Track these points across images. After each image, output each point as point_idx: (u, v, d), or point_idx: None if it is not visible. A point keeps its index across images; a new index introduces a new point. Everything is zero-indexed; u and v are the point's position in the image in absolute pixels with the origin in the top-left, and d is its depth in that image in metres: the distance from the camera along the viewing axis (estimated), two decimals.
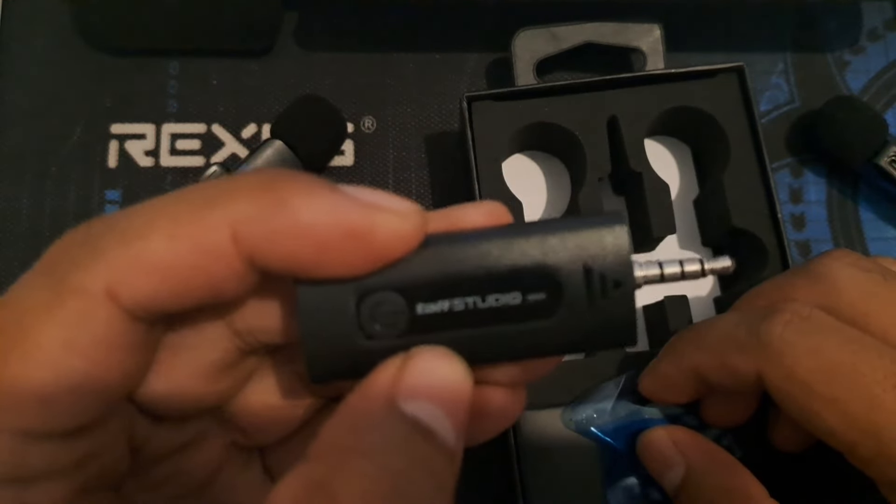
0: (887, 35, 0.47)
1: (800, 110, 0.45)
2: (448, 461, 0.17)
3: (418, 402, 0.17)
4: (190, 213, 0.17)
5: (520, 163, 0.42)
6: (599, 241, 0.18)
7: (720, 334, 0.28)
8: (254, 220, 0.17)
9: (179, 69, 0.45)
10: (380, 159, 0.44)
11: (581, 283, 0.18)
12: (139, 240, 0.17)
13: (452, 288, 0.18)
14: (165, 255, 0.17)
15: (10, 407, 0.16)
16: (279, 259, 0.17)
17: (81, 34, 0.44)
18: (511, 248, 0.18)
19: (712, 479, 0.29)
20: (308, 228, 0.17)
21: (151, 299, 0.17)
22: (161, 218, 0.17)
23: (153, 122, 0.44)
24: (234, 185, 0.17)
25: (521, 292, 0.18)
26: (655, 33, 0.41)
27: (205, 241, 0.17)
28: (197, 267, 0.17)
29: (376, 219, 0.17)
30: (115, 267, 0.17)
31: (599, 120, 0.39)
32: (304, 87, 0.44)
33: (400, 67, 0.45)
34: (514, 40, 0.41)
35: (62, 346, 0.16)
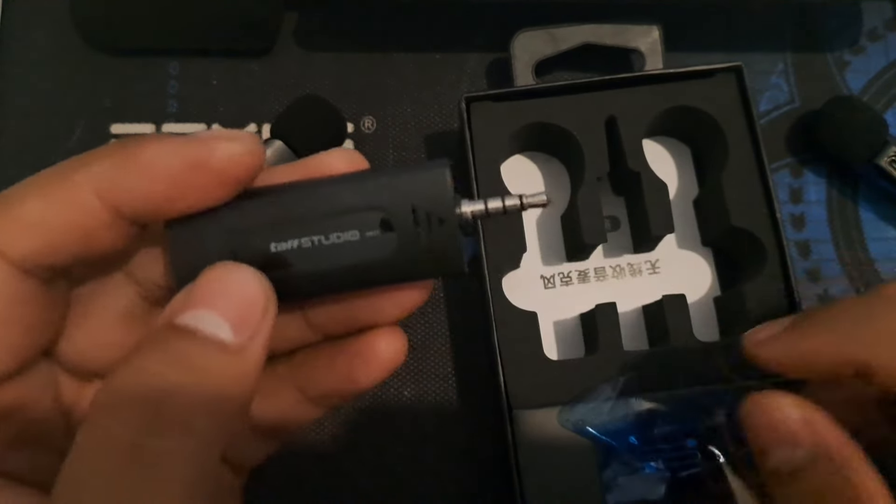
0: (887, 35, 0.47)
1: (800, 110, 0.45)
2: (222, 355, 0.19)
3: (189, 311, 0.19)
4: (57, 178, 0.20)
5: (519, 163, 0.42)
6: (425, 183, 0.21)
7: None
8: (110, 172, 0.19)
9: (179, 69, 0.45)
10: (380, 159, 0.44)
11: (410, 220, 0.21)
12: (16, 204, 0.20)
13: (300, 228, 0.21)
14: (39, 214, 0.19)
15: None
16: (139, 202, 0.20)
17: (81, 34, 0.45)
18: (349, 192, 0.21)
19: (843, 475, 0.23)
20: (155, 168, 0.19)
21: (35, 253, 0.19)
22: (34, 185, 0.20)
23: (153, 122, 0.44)
24: (94, 152, 0.20)
25: (358, 231, 0.21)
26: (654, 34, 0.41)
27: (72, 198, 0.19)
28: (69, 222, 0.19)
29: (212, 147, 0.20)
30: (1, 231, 0.19)
31: (598, 120, 0.39)
32: (304, 87, 0.44)
33: (400, 67, 0.45)
34: (513, 41, 0.41)
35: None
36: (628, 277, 0.41)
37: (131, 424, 0.17)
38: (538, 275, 0.40)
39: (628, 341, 0.38)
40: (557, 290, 0.40)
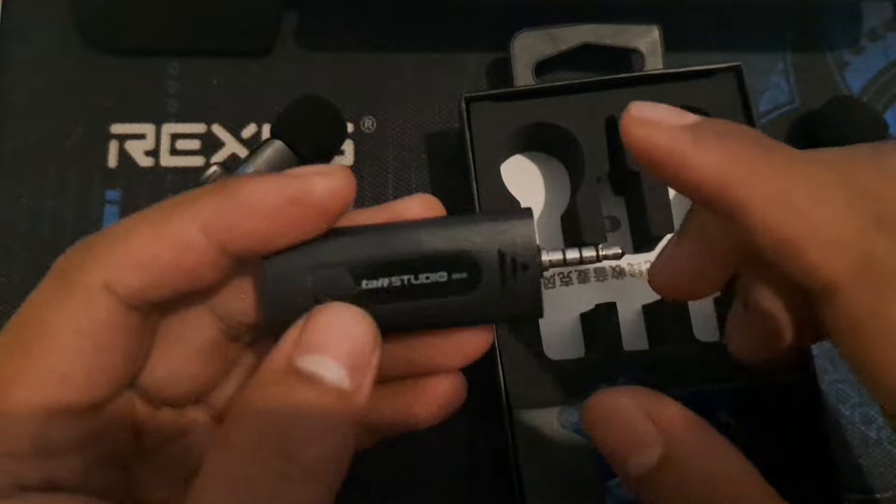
0: (887, 35, 0.47)
1: (800, 110, 0.45)
2: (341, 401, 0.20)
3: (307, 356, 0.20)
4: (166, 216, 0.21)
5: (519, 163, 0.42)
6: (512, 230, 0.23)
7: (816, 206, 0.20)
8: (215, 211, 0.21)
9: (179, 69, 0.45)
10: (380, 159, 0.44)
11: (496, 265, 0.22)
12: (125, 242, 0.21)
13: (391, 268, 0.22)
14: (148, 252, 0.21)
15: (35, 387, 0.20)
16: (243, 238, 0.21)
17: (81, 34, 0.45)
18: (439, 236, 0.22)
19: (700, 463, 0.22)
20: (258, 205, 0.21)
21: (142, 290, 0.21)
22: (143, 222, 0.21)
23: (153, 122, 0.44)
24: (197, 191, 0.21)
25: (446, 272, 0.22)
26: (654, 34, 0.41)
27: (180, 236, 0.21)
28: (177, 259, 0.21)
29: (310, 182, 0.21)
30: (109, 265, 0.20)
31: (598, 120, 0.39)
32: (304, 87, 0.44)
33: (400, 67, 0.45)
34: (512, 42, 0.41)
35: (73, 331, 0.20)
36: (628, 277, 0.41)
37: (269, 469, 0.19)
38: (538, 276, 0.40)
39: (628, 341, 0.38)
40: (557, 290, 0.40)
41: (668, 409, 0.22)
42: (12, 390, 0.20)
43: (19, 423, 0.19)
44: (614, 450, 0.23)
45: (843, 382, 0.40)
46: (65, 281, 0.21)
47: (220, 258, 0.21)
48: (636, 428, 0.22)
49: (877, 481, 0.39)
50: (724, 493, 0.22)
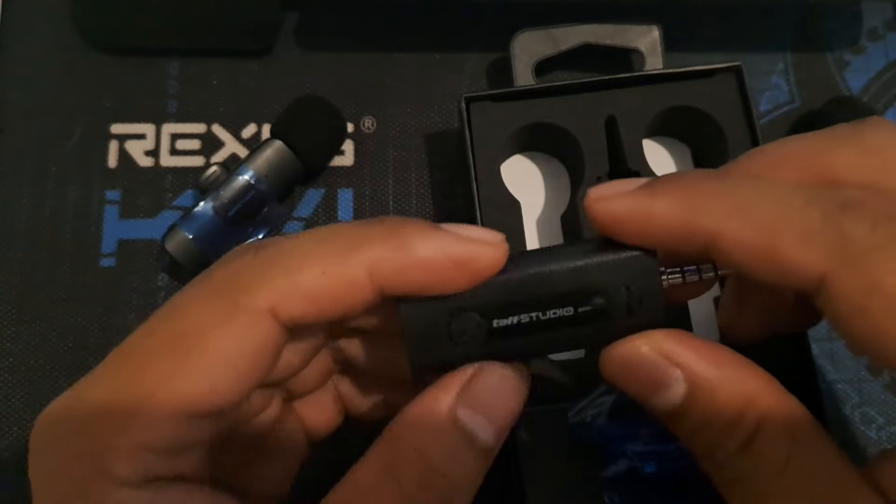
0: (887, 35, 0.47)
1: (800, 110, 0.45)
2: (483, 459, 0.23)
3: (470, 412, 0.22)
4: (337, 255, 0.22)
5: (518, 163, 0.42)
6: (635, 266, 0.23)
7: (777, 209, 0.21)
8: (385, 259, 0.22)
9: (179, 69, 0.45)
10: (380, 159, 0.44)
11: (623, 299, 0.23)
12: (298, 273, 0.22)
13: (520, 307, 0.23)
14: (317, 286, 0.22)
15: (184, 393, 0.21)
16: (403, 287, 0.23)
17: (81, 34, 0.45)
18: (567, 275, 0.23)
19: (725, 391, 0.22)
20: (425, 262, 0.22)
21: (303, 317, 0.22)
22: (315, 257, 0.22)
23: (153, 122, 0.44)
24: (369, 231, 0.23)
25: (573, 307, 0.23)
26: (654, 34, 0.41)
27: (348, 276, 0.22)
28: (340, 295, 0.22)
29: (476, 250, 0.23)
30: (279, 293, 0.22)
31: (598, 120, 0.39)
32: (304, 87, 0.44)
33: (400, 67, 0.45)
34: (512, 42, 0.41)
35: (234, 350, 0.21)
36: None
37: None
38: None
39: None
40: None
41: (683, 346, 0.23)
42: (161, 392, 0.21)
43: (162, 422, 0.21)
44: (638, 395, 0.24)
45: (843, 382, 0.40)
46: (231, 301, 0.22)
47: (375, 298, 0.23)
48: (655, 372, 0.23)
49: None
50: (754, 412, 0.22)
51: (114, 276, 0.41)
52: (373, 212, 0.43)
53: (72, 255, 0.42)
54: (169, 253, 0.39)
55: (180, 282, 0.41)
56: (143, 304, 0.41)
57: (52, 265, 0.41)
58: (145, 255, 0.42)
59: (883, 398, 0.40)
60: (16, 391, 0.40)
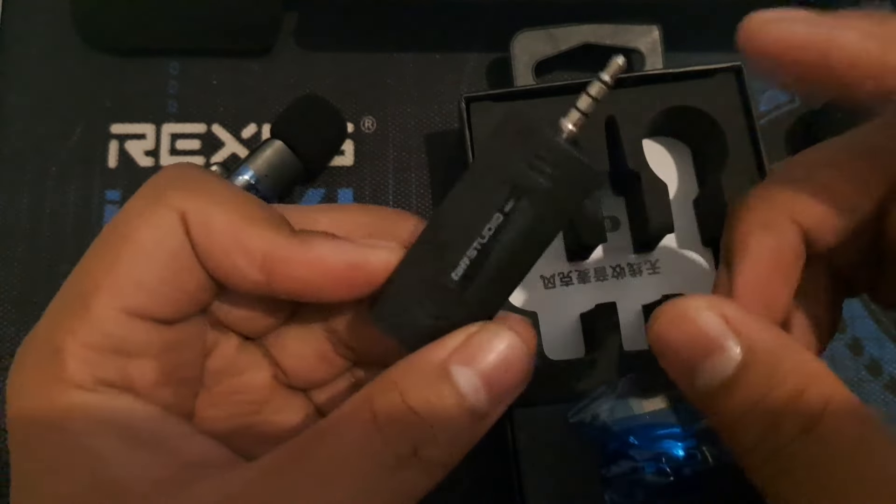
0: None
1: (800, 110, 0.45)
2: (471, 420, 0.21)
3: (464, 369, 0.21)
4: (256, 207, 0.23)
5: None
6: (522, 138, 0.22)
7: None
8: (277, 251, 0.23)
9: (179, 69, 0.45)
10: (380, 159, 0.44)
11: (531, 174, 0.22)
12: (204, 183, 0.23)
13: (459, 243, 0.22)
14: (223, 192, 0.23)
15: (121, 290, 0.22)
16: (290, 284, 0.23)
17: (81, 34, 0.45)
18: (473, 190, 0.22)
19: (791, 363, 0.20)
20: (313, 263, 0.23)
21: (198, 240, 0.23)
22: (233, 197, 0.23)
23: (153, 122, 0.44)
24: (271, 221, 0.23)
25: (499, 211, 0.22)
26: (654, 34, 0.41)
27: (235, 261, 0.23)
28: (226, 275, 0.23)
29: (369, 254, 0.23)
30: (191, 200, 0.23)
31: (598, 120, 0.39)
32: (304, 87, 0.44)
33: (400, 67, 0.45)
34: (512, 42, 0.41)
35: (155, 244, 0.22)
36: (628, 277, 0.41)
37: (392, 447, 0.21)
38: (538, 275, 0.40)
39: (628, 341, 0.38)
40: (557, 290, 0.40)
41: (745, 313, 0.21)
42: (96, 291, 0.22)
43: (101, 321, 0.21)
44: (686, 362, 0.21)
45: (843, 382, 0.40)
46: (152, 200, 0.23)
47: (263, 286, 0.23)
48: (713, 330, 0.20)
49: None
50: (819, 389, 0.20)
51: None
52: None
53: (72, 255, 0.42)
54: None
55: None
56: None
57: (52, 265, 0.41)
58: None
59: (883, 398, 0.40)
60: None
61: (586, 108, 0.22)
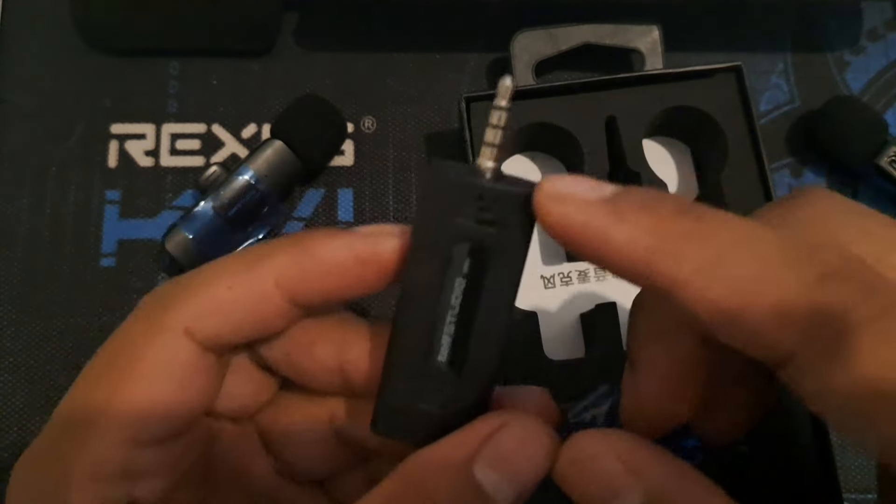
0: (887, 35, 0.47)
1: (800, 110, 0.45)
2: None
3: (489, 471, 0.20)
4: (242, 269, 0.22)
5: (519, 163, 0.42)
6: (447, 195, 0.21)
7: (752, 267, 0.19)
8: (289, 267, 0.22)
9: (179, 69, 0.45)
10: (380, 159, 0.44)
11: (478, 227, 0.20)
12: (206, 289, 0.22)
13: (435, 322, 0.21)
14: (226, 302, 0.22)
15: (121, 421, 0.21)
16: (313, 293, 0.22)
17: (81, 34, 0.45)
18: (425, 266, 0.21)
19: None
20: (329, 263, 0.22)
21: (218, 335, 0.22)
22: (222, 272, 0.22)
23: (153, 122, 0.44)
24: (273, 244, 0.23)
25: (461, 277, 0.21)
26: (654, 34, 0.41)
27: (254, 287, 0.22)
28: (251, 309, 0.22)
29: (376, 242, 0.22)
30: (191, 312, 0.22)
31: (598, 120, 0.39)
32: (304, 87, 0.44)
33: (400, 67, 0.45)
34: (512, 42, 0.41)
35: (157, 370, 0.22)
36: None
37: None
38: (538, 275, 0.40)
39: None
40: (557, 290, 0.40)
41: (647, 454, 0.21)
42: (101, 419, 0.21)
43: (107, 449, 0.21)
44: (587, 500, 0.21)
45: None
46: (151, 321, 0.22)
47: (289, 310, 0.22)
48: (611, 475, 0.20)
49: (877, 481, 0.39)
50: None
51: (114, 276, 0.41)
52: (373, 212, 0.43)
53: (72, 255, 0.42)
54: (169, 253, 0.39)
55: None
56: None
57: (52, 265, 0.41)
58: (145, 255, 0.42)
59: None
60: (16, 391, 0.40)
61: (493, 138, 0.21)
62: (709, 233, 0.19)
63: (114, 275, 0.41)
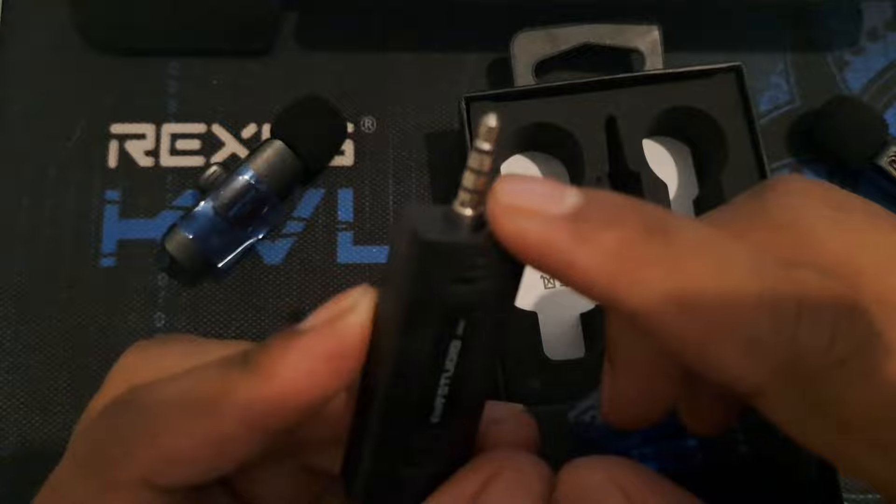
0: (887, 35, 0.47)
1: (800, 110, 0.45)
2: None
3: None
4: (202, 410, 0.19)
5: (519, 163, 0.42)
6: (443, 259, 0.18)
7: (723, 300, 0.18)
8: (252, 401, 0.19)
9: (179, 69, 0.45)
10: (380, 159, 0.44)
11: (469, 287, 0.18)
12: (163, 438, 0.19)
13: (428, 387, 0.19)
14: (188, 449, 0.19)
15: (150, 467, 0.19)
16: (286, 418, 0.19)
17: (81, 34, 0.45)
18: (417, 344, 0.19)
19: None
20: (296, 383, 0.19)
21: (182, 482, 0.20)
22: (178, 417, 0.20)
23: (153, 122, 0.44)
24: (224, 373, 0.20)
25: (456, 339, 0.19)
26: (654, 34, 0.41)
27: (219, 431, 0.19)
28: (216, 452, 0.20)
29: (339, 330, 0.19)
30: (148, 463, 0.19)
31: (598, 120, 0.39)
32: (304, 87, 0.44)
33: (400, 67, 0.45)
34: (512, 42, 0.41)
35: None
36: None
37: None
38: (538, 275, 0.40)
39: None
40: (557, 290, 0.40)
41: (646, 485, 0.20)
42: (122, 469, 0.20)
43: None
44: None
45: None
46: (98, 478, 0.20)
47: (261, 438, 0.20)
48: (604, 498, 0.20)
49: None
50: None
51: (114, 276, 0.41)
52: (373, 212, 0.43)
53: (72, 255, 0.42)
54: (169, 253, 0.39)
55: (180, 282, 0.41)
56: (143, 304, 0.41)
57: (52, 265, 0.41)
58: (145, 255, 0.42)
59: None
60: (16, 391, 0.40)
61: (473, 184, 0.18)
62: (677, 259, 0.17)
63: (114, 275, 0.41)
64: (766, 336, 0.17)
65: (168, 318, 0.41)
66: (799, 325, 0.17)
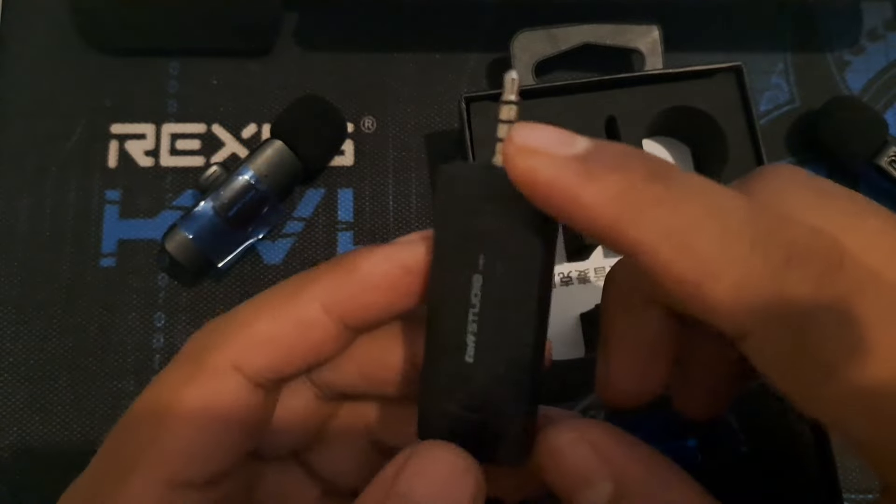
0: (887, 35, 0.47)
1: (800, 110, 0.45)
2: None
3: (410, 499, 0.20)
4: (287, 297, 0.22)
5: None
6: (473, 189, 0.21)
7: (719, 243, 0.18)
8: (334, 288, 0.21)
9: (179, 69, 0.45)
10: (380, 159, 0.44)
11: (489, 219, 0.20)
12: (252, 324, 0.22)
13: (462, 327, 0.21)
14: (273, 333, 0.21)
15: (162, 460, 0.21)
16: (363, 311, 0.22)
17: (81, 34, 0.45)
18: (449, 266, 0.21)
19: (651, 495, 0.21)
20: (374, 278, 0.21)
21: (268, 369, 0.21)
22: (266, 304, 0.22)
23: (153, 122, 0.44)
24: (314, 269, 0.22)
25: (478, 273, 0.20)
26: (654, 34, 0.41)
27: (302, 316, 0.21)
28: (300, 338, 0.22)
29: (419, 250, 0.21)
30: (237, 347, 0.21)
31: (598, 120, 0.39)
32: (304, 87, 0.44)
33: (400, 67, 0.45)
34: (512, 42, 0.41)
35: (202, 411, 0.21)
36: None
37: None
38: None
39: None
40: (557, 290, 0.40)
41: (619, 443, 0.21)
42: (140, 464, 0.21)
43: (144, 491, 0.20)
44: (561, 489, 0.21)
45: None
46: (196, 362, 0.22)
47: (341, 333, 0.22)
48: (582, 464, 0.21)
49: (877, 481, 0.39)
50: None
51: (114, 276, 0.41)
52: (373, 212, 0.43)
53: (72, 255, 0.42)
54: (169, 253, 0.39)
55: (180, 282, 0.41)
56: (143, 304, 0.41)
57: (52, 265, 0.41)
58: (145, 255, 0.42)
59: None
60: (16, 391, 0.40)
61: (506, 134, 0.20)
62: (678, 201, 0.18)
63: (114, 275, 0.41)
64: (755, 279, 0.18)
65: (168, 318, 0.41)
66: (788, 270, 0.18)
